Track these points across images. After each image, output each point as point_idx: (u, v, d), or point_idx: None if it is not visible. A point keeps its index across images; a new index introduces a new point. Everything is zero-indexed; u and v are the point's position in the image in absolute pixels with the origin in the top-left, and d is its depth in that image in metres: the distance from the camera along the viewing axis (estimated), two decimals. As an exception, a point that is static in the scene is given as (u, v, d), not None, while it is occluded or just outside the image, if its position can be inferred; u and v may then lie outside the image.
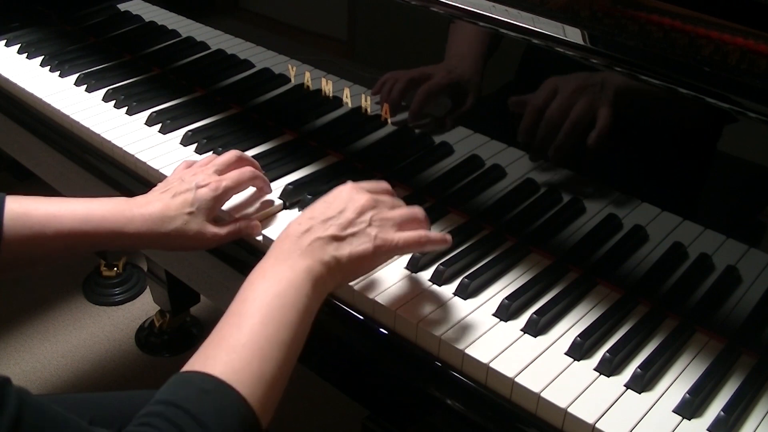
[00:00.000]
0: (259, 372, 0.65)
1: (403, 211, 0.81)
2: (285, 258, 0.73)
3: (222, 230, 0.90)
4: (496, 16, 0.85)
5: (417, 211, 0.82)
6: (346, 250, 0.75)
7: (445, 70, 0.93)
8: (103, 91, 1.24)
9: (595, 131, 0.82)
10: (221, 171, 0.93)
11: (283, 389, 0.68)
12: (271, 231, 0.94)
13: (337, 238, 0.75)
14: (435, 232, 0.82)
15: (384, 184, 0.85)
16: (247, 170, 0.94)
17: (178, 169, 0.95)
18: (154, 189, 0.91)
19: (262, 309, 0.68)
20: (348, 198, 0.78)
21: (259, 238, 0.94)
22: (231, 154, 0.95)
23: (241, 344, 0.66)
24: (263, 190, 0.98)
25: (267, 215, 0.97)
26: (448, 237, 0.83)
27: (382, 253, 0.77)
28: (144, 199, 0.89)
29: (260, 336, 0.66)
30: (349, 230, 0.75)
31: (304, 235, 0.74)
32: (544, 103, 0.85)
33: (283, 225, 0.95)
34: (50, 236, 0.83)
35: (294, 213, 0.98)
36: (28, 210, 0.83)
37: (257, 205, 0.98)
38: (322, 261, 0.73)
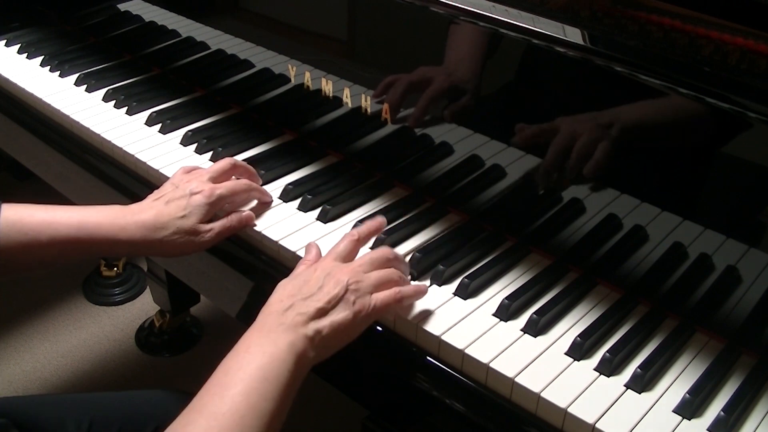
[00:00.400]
0: None
1: (379, 273, 0.81)
2: (268, 332, 0.74)
3: (214, 226, 0.90)
4: (496, 16, 0.85)
5: (391, 272, 0.82)
6: (327, 321, 0.75)
7: (445, 73, 0.93)
8: (103, 91, 1.24)
9: (601, 147, 0.83)
10: (215, 178, 0.93)
11: None
12: (270, 230, 0.94)
13: (318, 312, 0.75)
14: (409, 286, 0.83)
15: (356, 244, 0.85)
16: (242, 182, 0.95)
17: (176, 174, 0.95)
18: (149, 196, 0.92)
19: (245, 380, 0.69)
20: (324, 273, 0.79)
21: (257, 229, 0.94)
22: (225, 162, 0.96)
23: (221, 412, 0.66)
24: (260, 200, 0.98)
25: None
26: (423, 287, 0.84)
27: (361, 318, 0.78)
28: (138, 206, 0.89)
29: (241, 405, 0.67)
30: (329, 302, 0.76)
31: (287, 311, 0.75)
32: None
33: (278, 219, 0.96)
34: (44, 243, 0.83)
35: (291, 206, 0.98)
36: (23, 217, 0.83)
37: (253, 204, 0.98)
38: (305, 336, 0.74)
